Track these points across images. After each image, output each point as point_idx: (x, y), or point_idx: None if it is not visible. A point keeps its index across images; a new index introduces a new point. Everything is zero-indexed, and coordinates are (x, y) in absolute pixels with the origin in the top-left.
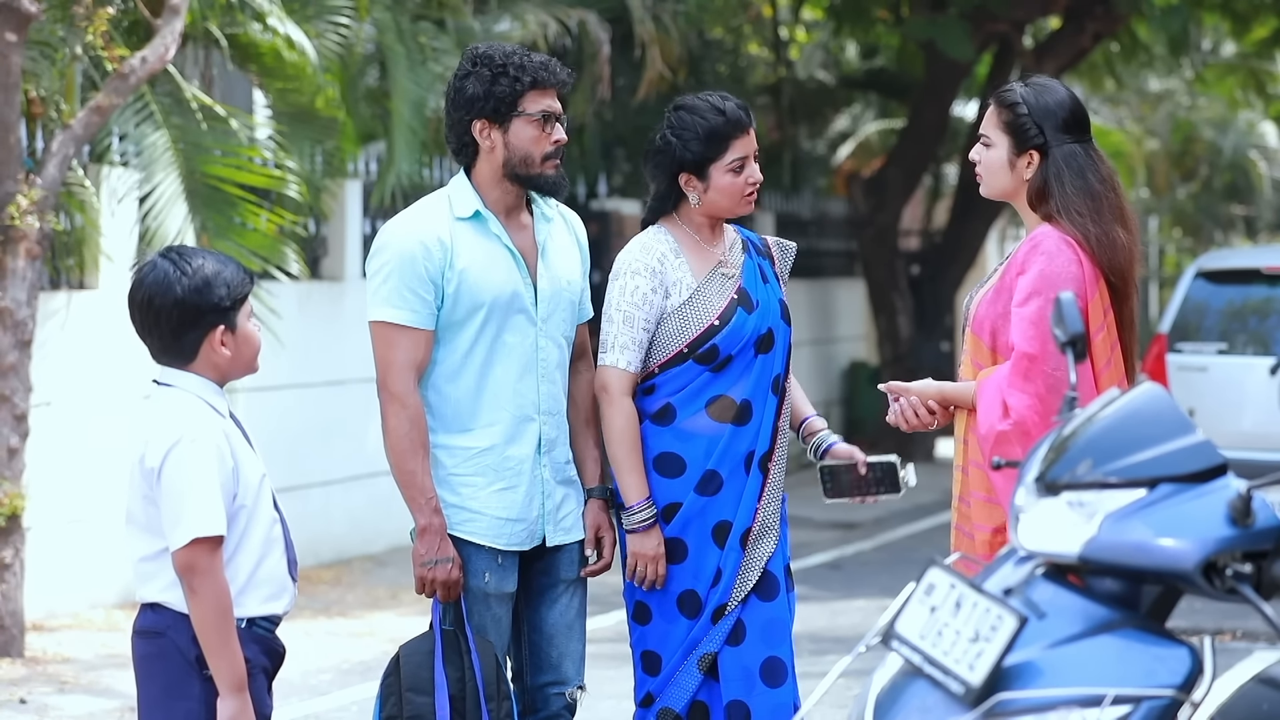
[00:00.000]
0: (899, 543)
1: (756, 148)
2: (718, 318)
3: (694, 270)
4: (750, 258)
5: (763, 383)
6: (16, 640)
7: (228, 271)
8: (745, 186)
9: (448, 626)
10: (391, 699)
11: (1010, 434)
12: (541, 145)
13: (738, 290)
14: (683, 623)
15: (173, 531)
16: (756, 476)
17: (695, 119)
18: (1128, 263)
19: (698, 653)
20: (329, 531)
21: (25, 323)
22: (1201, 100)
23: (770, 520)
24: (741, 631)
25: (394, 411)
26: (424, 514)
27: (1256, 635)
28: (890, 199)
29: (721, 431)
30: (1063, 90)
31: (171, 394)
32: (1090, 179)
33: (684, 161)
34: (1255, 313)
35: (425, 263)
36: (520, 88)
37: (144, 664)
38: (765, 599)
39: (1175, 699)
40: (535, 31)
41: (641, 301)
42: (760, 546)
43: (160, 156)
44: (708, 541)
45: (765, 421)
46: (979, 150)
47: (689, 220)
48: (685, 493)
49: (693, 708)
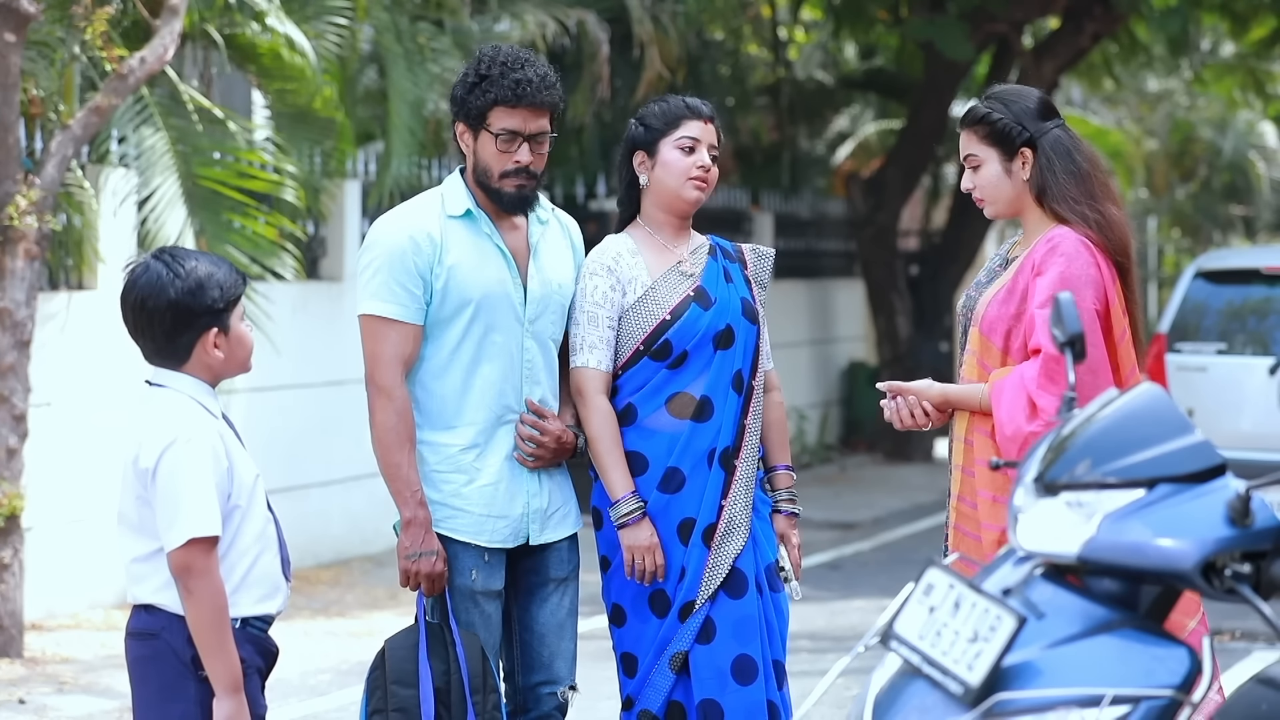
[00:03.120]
0: (898, 543)
1: (715, 146)
2: (669, 313)
3: (650, 268)
4: (715, 260)
5: (723, 379)
6: (15, 640)
7: (220, 273)
8: (692, 168)
9: (432, 620)
10: (377, 692)
11: (1041, 434)
12: (501, 162)
13: (695, 288)
14: (654, 622)
15: (168, 532)
16: (719, 473)
17: (659, 104)
18: (1125, 238)
19: (669, 652)
20: (328, 532)
21: (24, 323)
22: (1200, 100)
23: (739, 518)
24: (712, 630)
25: (381, 405)
26: (409, 507)
27: (1255, 635)
28: (889, 199)
29: (681, 428)
30: (1026, 89)
31: (165, 395)
32: (1077, 159)
33: (638, 139)
34: (1254, 313)
35: (414, 257)
36: (486, 102)
37: (138, 666)
38: (734, 596)
39: (1174, 699)
40: (534, 32)
41: (602, 300)
42: (727, 544)
43: (159, 159)
44: (673, 539)
45: (727, 418)
46: (969, 176)
47: (650, 220)
48: (649, 491)
49: (669, 708)
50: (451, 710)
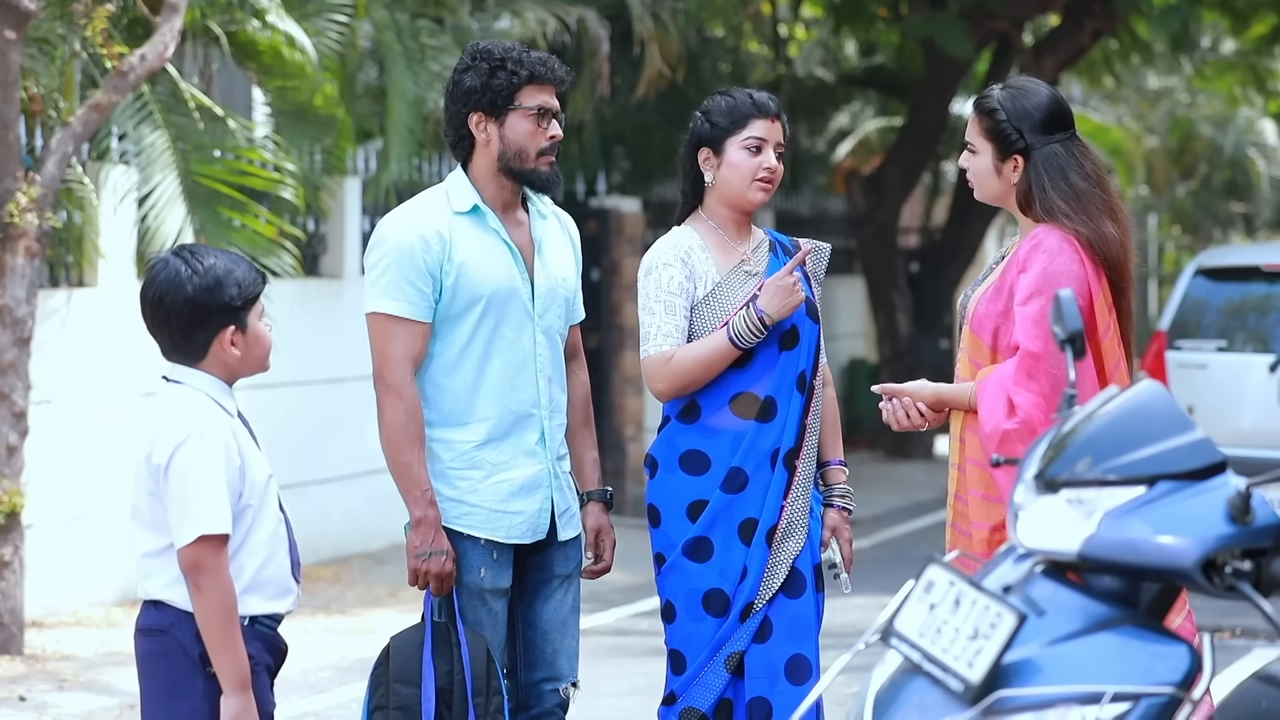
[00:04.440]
0: (898, 540)
1: (782, 143)
2: (737, 311)
3: (718, 265)
4: (777, 257)
5: (787, 379)
6: (16, 638)
7: (239, 271)
8: (758, 169)
9: (439, 619)
10: (380, 689)
11: (1016, 433)
12: (536, 140)
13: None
14: (709, 622)
15: (179, 529)
16: (782, 474)
17: (724, 99)
18: (1121, 256)
19: (725, 652)
20: (328, 529)
21: (24, 320)
22: (1201, 98)
23: (798, 518)
24: (768, 629)
25: (390, 403)
26: (419, 506)
27: (1256, 633)
28: (889, 197)
29: (746, 428)
30: (1042, 91)
31: (180, 391)
32: (1073, 177)
33: (703, 136)
34: (1254, 310)
35: (424, 255)
36: (517, 81)
37: (147, 662)
38: (792, 596)
39: (1174, 696)
40: (534, 29)
41: (679, 290)
42: (787, 544)
43: (159, 156)
44: (734, 539)
45: (790, 418)
46: (966, 157)
47: (713, 215)
48: (711, 490)
49: (718, 706)
50: (453, 710)
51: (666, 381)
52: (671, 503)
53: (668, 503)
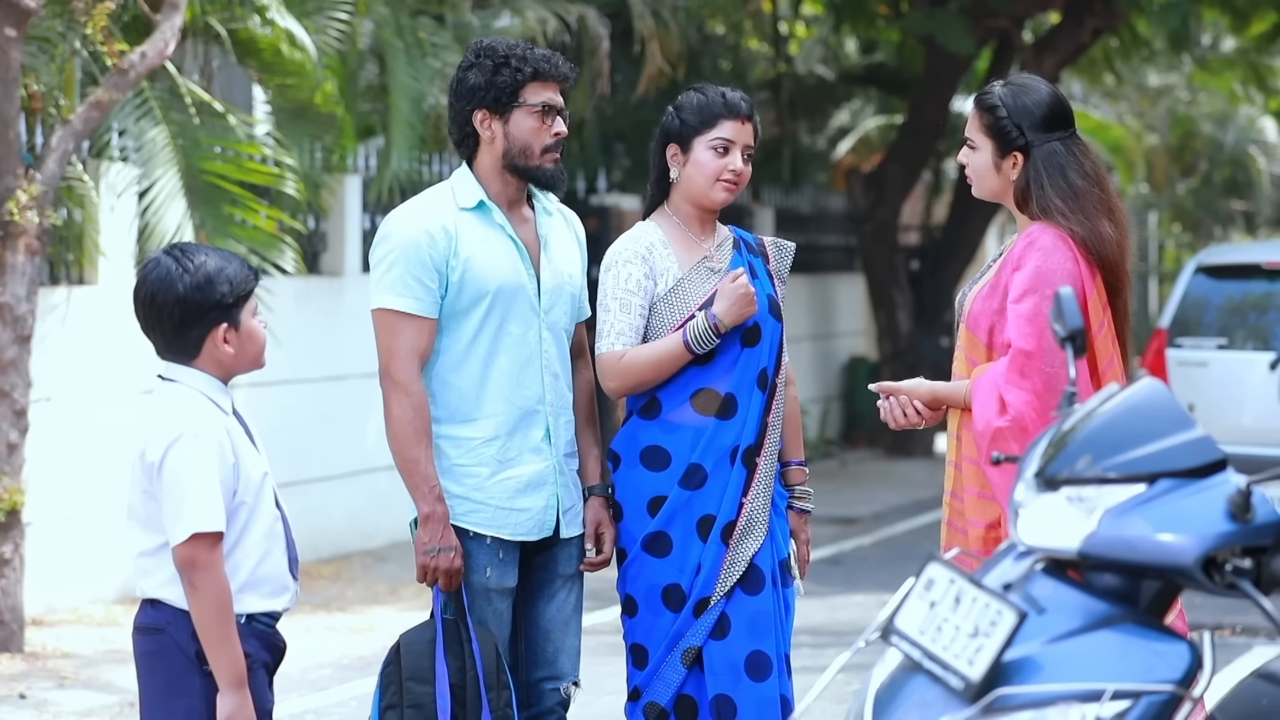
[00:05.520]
0: (898, 538)
1: (751, 145)
2: (699, 308)
3: (680, 261)
4: (740, 255)
5: (748, 376)
6: (16, 635)
7: (230, 268)
8: (723, 170)
9: (449, 616)
10: (391, 688)
11: (1008, 430)
12: (541, 136)
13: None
14: (667, 616)
15: (173, 527)
16: (741, 471)
17: (697, 95)
18: (1117, 256)
19: (681, 646)
20: (328, 527)
21: (25, 318)
22: (1201, 95)
23: (758, 515)
24: (726, 625)
25: (397, 399)
26: (427, 502)
27: (1256, 630)
28: (890, 194)
29: (706, 424)
30: (1043, 88)
31: (174, 389)
32: (1072, 176)
33: (672, 132)
34: (1255, 308)
35: (430, 251)
36: (521, 78)
37: (145, 660)
38: (750, 593)
39: (1175, 694)
40: (534, 27)
41: (636, 288)
42: (746, 542)
43: (159, 153)
44: (692, 535)
45: (751, 415)
46: (966, 153)
47: (678, 210)
48: (670, 486)
49: (680, 702)
50: (466, 707)
51: (618, 380)
52: (632, 498)
53: (629, 498)
